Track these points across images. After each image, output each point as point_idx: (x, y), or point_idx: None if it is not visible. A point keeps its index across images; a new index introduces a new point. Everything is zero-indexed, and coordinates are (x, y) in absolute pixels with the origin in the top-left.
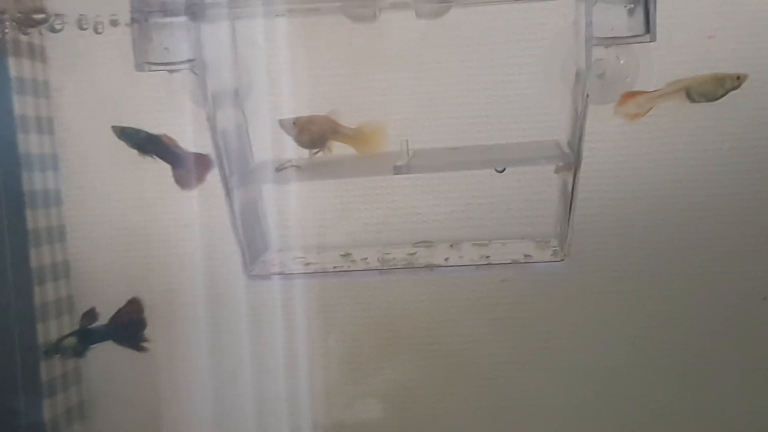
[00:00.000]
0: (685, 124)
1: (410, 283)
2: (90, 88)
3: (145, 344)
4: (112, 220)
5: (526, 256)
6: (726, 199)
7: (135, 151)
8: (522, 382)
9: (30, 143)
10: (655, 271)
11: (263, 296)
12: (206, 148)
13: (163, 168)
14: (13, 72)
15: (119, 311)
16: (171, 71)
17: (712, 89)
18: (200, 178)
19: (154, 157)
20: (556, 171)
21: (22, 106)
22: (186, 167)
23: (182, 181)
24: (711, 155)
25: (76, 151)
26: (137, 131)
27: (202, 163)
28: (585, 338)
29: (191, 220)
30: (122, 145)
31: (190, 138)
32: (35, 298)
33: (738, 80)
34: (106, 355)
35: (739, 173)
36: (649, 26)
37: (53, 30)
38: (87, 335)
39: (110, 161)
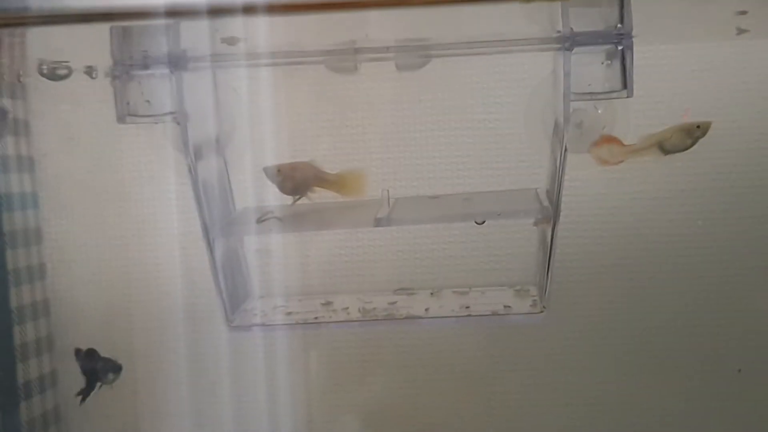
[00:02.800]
0: (660, 171)
1: (390, 331)
2: (70, 129)
3: None
4: (93, 259)
5: (505, 307)
6: (707, 246)
7: (116, 190)
8: None
9: (10, 182)
10: (635, 321)
11: (243, 343)
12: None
13: (145, 209)
14: None
15: None
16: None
17: (681, 140)
18: None
19: None
20: (535, 224)
21: (2, 146)
22: None
23: None
24: (687, 200)
25: (56, 189)
26: None
27: None
28: (561, 388)
29: (171, 260)
30: (103, 184)
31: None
32: (15, 337)
33: (699, 129)
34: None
35: (716, 217)
36: (626, 82)
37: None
38: None
39: (91, 200)
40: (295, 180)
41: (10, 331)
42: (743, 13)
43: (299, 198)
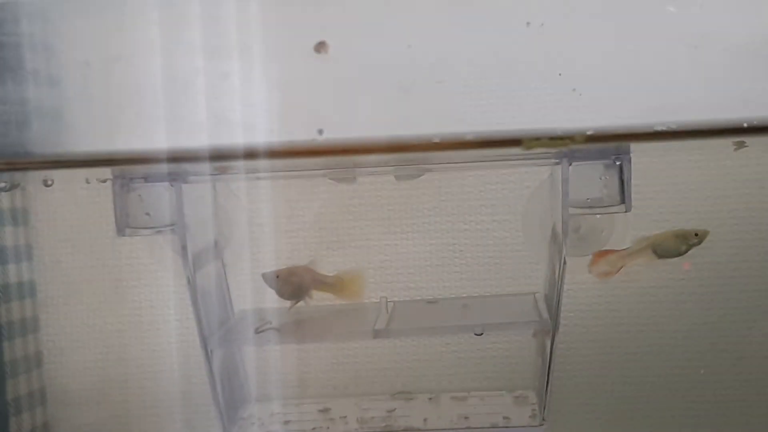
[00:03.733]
0: (657, 273)
1: None
2: (69, 227)
3: None
4: (89, 348)
5: (504, 418)
6: (706, 354)
7: (114, 281)
8: None
9: (8, 272)
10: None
11: None
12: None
13: (143, 297)
14: None
15: None
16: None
17: (675, 246)
18: None
19: None
20: (534, 335)
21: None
22: None
23: None
24: (685, 307)
25: (53, 278)
26: None
27: None
28: None
29: (168, 354)
30: (101, 274)
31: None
32: (11, 428)
33: (697, 237)
34: None
35: (715, 325)
36: (624, 196)
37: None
38: None
39: (88, 289)
40: (293, 285)
41: (6, 422)
42: (741, 142)
43: (297, 302)
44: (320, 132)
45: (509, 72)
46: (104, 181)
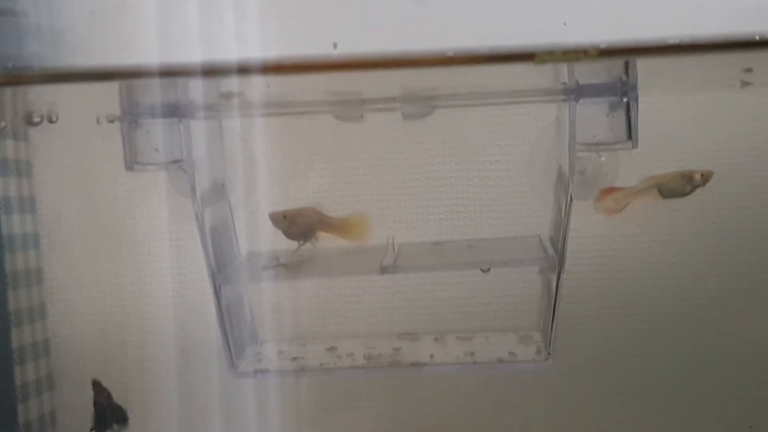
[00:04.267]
0: (662, 218)
1: (395, 377)
2: (72, 172)
3: None
4: (93, 299)
5: (510, 354)
6: (711, 295)
7: (116, 232)
8: None
9: (12, 223)
10: (639, 364)
11: (244, 387)
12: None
13: (145, 250)
14: None
15: None
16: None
17: (680, 186)
18: None
19: None
20: (540, 272)
21: (4, 187)
22: None
23: None
24: (689, 250)
25: (57, 229)
26: None
27: None
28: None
29: (171, 303)
30: (104, 225)
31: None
32: (16, 377)
33: (702, 177)
34: None
35: (718, 266)
36: (631, 133)
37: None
38: None
39: (91, 241)
40: (300, 225)
41: (11, 372)
42: (749, 70)
43: (304, 243)
44: (335, 46)
45: None
46: (112, 120)
